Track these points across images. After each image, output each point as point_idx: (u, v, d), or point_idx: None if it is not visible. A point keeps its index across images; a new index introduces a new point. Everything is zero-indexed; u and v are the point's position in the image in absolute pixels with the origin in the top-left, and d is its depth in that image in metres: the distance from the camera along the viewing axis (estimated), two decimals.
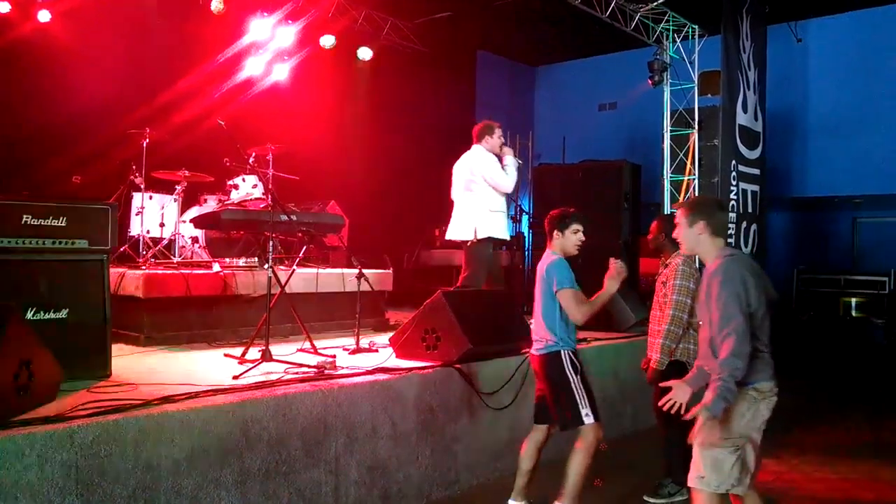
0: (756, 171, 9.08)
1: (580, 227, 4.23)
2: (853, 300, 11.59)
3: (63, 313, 4.00)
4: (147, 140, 7.13)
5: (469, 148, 6.55)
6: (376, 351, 5.37)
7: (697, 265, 4.53)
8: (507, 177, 6.44)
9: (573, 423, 4.07)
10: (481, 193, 6.36)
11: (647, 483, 4.88)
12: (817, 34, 11.79)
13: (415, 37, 11.03)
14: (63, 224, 4.04)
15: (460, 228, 6.41)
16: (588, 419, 4.05)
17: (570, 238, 4.22)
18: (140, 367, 4.63)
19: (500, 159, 6.48)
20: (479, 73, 13.59)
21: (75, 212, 4.10)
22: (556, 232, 4.21)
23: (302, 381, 4.20)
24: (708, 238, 3.34)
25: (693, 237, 3.38)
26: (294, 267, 6.00)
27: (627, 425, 6.49)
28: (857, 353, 11.52)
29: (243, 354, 4.85)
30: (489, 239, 6.35)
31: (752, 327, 3.15)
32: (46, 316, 3.93)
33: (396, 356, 5.09)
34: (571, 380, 4.09)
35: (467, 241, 6.35)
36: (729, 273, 3.18)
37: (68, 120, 7.65)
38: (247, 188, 7.32)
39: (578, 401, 4.05)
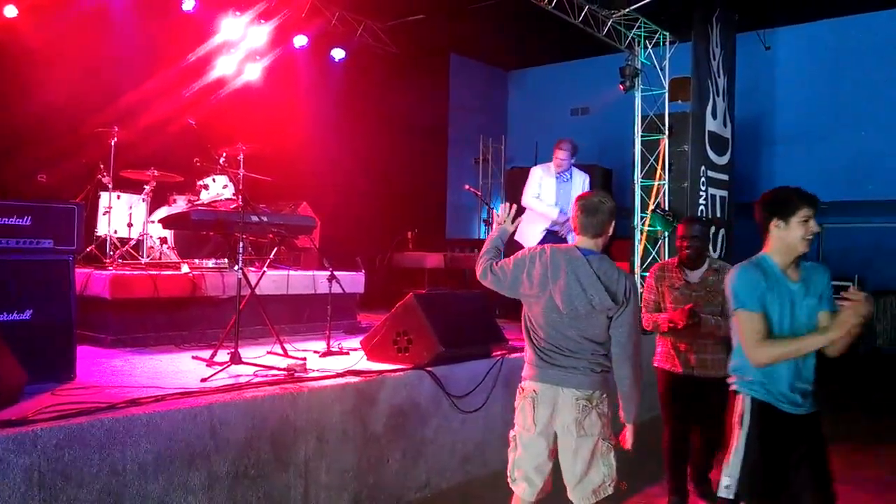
0: (725, 177, 9.21)
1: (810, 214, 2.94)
2: None
3: (27, 314, 3.92)
4: (115, 139, 7.03)
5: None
6: (347, 354, 5.34)
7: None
8: (525, 197, 6.99)
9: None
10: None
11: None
12: (785, 42, 12.01)
13: (388, 39, 11.02)
14: (28, 223, 3.97)
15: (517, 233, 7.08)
16: (724, 492, 2.98)
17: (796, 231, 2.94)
18: (106, 369, 4.56)
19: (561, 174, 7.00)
20: (452, 76, 13.63)
21: (40, 211, 4.03)
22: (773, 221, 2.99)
23: (272, 383, 4.16)
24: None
25: None
26: (264, 268, 5.95)
27: None
28: (820, 356, 11.72)
29: (212, 357, 4.80)
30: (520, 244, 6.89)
31: (528, 314, 3.29)
32: (10, 317, 3.85)
33: (368, 359, 5.07)
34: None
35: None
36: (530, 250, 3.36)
37: (35, 118, 7.51)
38: (217, 188, 7.25)
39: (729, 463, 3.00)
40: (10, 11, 7.74)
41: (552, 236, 6.86)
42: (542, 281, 3.21)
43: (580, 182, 6.99)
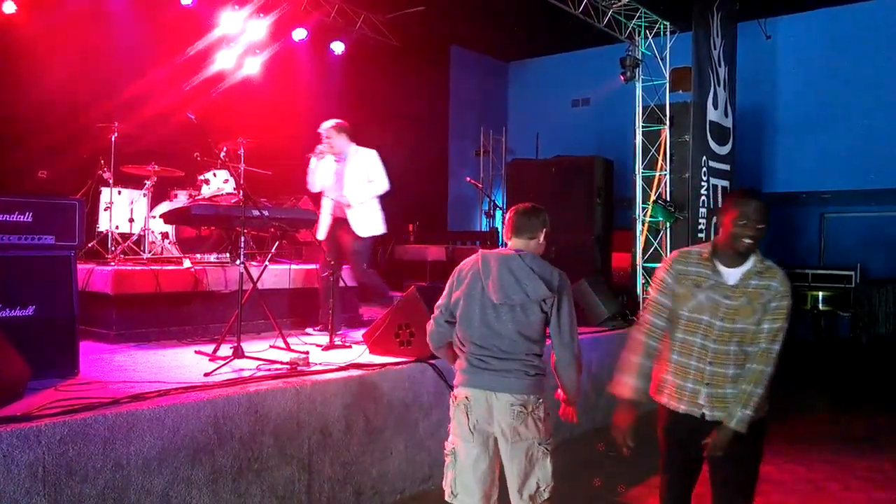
0: (726, 167, 9.19)
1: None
2: (820, 294, 11.81)
3: (30, 310, 3.93)
4: (115, 134, 7.03)
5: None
6: (350, 347, 5.34)
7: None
8: None
9: None
10: None
11: (619, 473, 4.91)
12: (786, 31, 11.97)
13: (388, 31, 10.99)
14: (29, 220, 3.96)
15: None
16: None
17: None
18: (109, 364, 4.57)
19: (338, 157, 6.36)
20: (452, 68, 13.61)
21: (42, 207, 4.03)
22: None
23: (274, 377, 4.18)
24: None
25: None
26: (266, 263, 5.95)
27: (600, 418, 6.52)
28: (824, 345, 11.75)
29: (214, 351, 4.81)
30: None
31: (458, 321, 3.18)
32: (12, 313, 3.86)
33: (370, 352, 5.08)
34: None
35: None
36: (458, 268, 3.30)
37: (35, 114, 7.51)
38: (218, 183, 7.25)
39: None
40: (9, 7, 7.73)
41: (337, 223, 6.23)
42: (473, 278, 3.15)
43: (355, 160, 6.29)
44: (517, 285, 3.06)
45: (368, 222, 6.17)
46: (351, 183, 6.19)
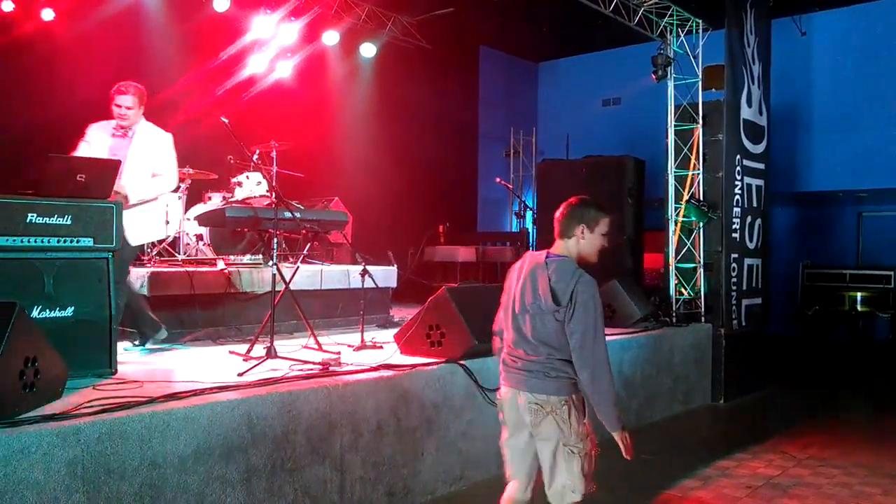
0: (761, 166, 9.05)
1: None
2: (858, 294, 11.58)
3: (68, 311, 4.01)
4: None
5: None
6: (381, 347, 5.37)
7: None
8: None
9: None
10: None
11: (652, 476, 4.87)
12: (821, 28, 11.78)
13: (418, 33, 11.02)
14: (68, 222, 4.05)
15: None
16: None
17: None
18: (145, 364, 4.65)
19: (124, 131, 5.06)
20: (482, 68, 13.62)
21: (80, 210, 4.11)
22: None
23: (307, 377, 4.21)
24: None
25: None
26: (298, 264, 6.01)
27: (632, 420, 6.48)
28: (862, 347, 11.51)
29: (248, 351, 4.87)
30: None
31: (503, 319, 3.36)
32: (52, 314, 3.94)
33: (401, 353, 5.09)
34: None
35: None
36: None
37: (71, 118, 7.61)
38: (251, 185, 7.34)
39: None
40: (48, 14, 7.91)
41: None
42: (510, 283, 3.35)
43: (145, 140, 5.06)
44: (534, 295, 3.19)
45: (146, 226, 5.02)
46: (134, 169, 4.91)
